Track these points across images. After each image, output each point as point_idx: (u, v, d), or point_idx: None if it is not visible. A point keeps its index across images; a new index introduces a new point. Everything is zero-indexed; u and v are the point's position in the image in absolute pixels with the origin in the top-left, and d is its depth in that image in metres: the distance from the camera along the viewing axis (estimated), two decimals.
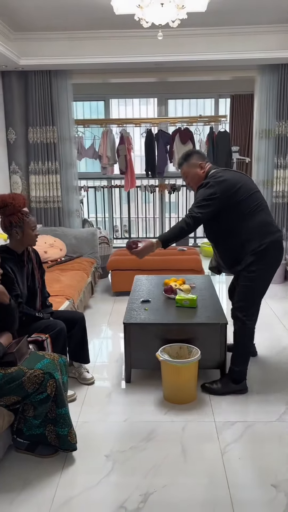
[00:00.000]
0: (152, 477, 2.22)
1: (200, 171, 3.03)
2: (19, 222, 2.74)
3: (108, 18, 4.36)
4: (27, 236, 2.79)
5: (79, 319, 3.08)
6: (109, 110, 7.22)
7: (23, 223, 2.75)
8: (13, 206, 2.72)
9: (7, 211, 2.73)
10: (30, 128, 5.45)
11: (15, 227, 2.74)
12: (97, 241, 5.30)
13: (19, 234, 2.77)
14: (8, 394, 2.21)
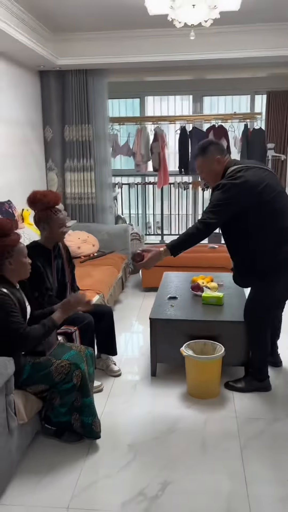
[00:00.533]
0: (171, 468, 2.30)
1: (218, 166, 2.77)
2: (47, 218, 2.86)
3: (142, 18, 4.42)
4: (53, 233, 2.91)
5: (107, 313, 3.20)
6: (145, 107, 7.29)
7: (51, 220, 2.86)
8: (43, 202, 2.84)
9: (37, 207, 2.86)
10: (66, 126, 5.60)
11: (43, 223, 2.87)
12: (129, 237, 5.40)
13: (46, 230, 2.89)
14: (36, 383, 2.34)
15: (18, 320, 2.23)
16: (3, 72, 4.56)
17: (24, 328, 2.24)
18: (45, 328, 2.33)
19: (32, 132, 5.31)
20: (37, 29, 4.68)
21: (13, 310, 2.23)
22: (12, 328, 2.21)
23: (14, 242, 2.32)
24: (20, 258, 2.35)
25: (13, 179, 4.77)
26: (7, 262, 2.30)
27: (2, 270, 2.32)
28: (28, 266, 2.41)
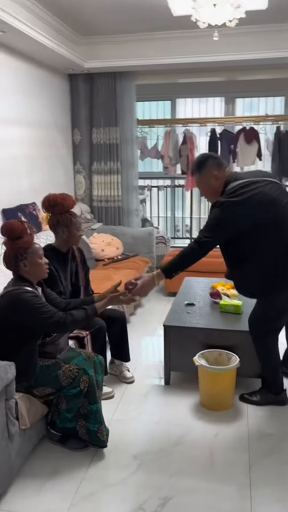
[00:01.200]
0: (175, 481, 2.24)
1: (215, 182, 2.60)
2: (67, 221, 2.86)
3: (168, 20, 4.38)
4: (72, 236, 2.91)
5: (119, 317, 3.17)
6: (175, 110, 7.22)
7: (70, 223, 2.87)
8: (62, 205, 2.85)
9: (57, 210, 2.86)
10: (94, 129, 5.62)
11: (62, 226, 2.86)
12: (154, 241, 5.35)
13: (65, 234, 2.89)
14: (43, 385, 2.33)
15: (50, 311, 2.27)
16: (32, 76, 4.62)
17: (60, 316, 2.29)
18: (87, 315, 2.44)
19: (60, 135, 5.36)
20: (65, 33, 4.72)
21: (42, 303, 2.28)
22: (47, 321, 2.24)
23: (26, 244, 2.32)
24: (35, 259, 2.35)
25: (39, 182, 4.83)
26: (22, 264, 2.31)
27: (19, 272, 2.33)
28: (45, 266, 2.41)
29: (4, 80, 4.09)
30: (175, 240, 7.06)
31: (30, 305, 2.22)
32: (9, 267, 2.33)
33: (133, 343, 3.72)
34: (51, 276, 2.75)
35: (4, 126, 4.12)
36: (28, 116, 4.55)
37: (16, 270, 2.33)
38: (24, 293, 2.24)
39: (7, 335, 2.27)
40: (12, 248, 2.30)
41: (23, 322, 2.25)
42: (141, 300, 4.78)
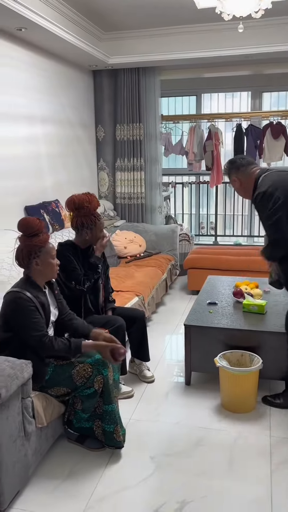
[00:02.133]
0: (192, 485, 2.18)
1: (244, 182, 2.70)
2: (91, 224, 2.87)
3: (192, 13, 4.31)
4: (95, 237, 2.92)
5: (139, 317, 3.11)
6: (201, 105, 7.11)
7: (95, 226, 2.88)
8: (89, 208, 2.87)
9: (82, 212, 2.87)
10: (118, 125, 5.59)
11: (86, 228, 2.87)
12: (177, 238, 5.28)
13: (88, 235, 2.90)
14: (58, 385, 2.30)
15: (38, 327, 2.22)
16: (56, 73, 4.61)
17: (44, 335, 2.23)
18: (69, 350, 2.29)
19: (84, 132, 5.35)
20: (89, 28, 4.70)
21: (34, 316, 2.22)
22: (31, 334, 2.21)
23: (42, 242, 2.31)
24: (48, 258, 2.33)
25: (63, 179, 4.83)
26: (34, 262, 2.29)
27: (29, 271, 2.31)
28: (56, 267, 2.39)
29: (27, 77, 4.09)
30: (199, 237, 6.97)
31: (22, 313, 2.21)
32: (21, 264, 2.32)
33: (154, 342, 3.69)
34: (69, 263, 2.78)
35: (28, 123, 4.13)
36: (52, 114, 4.55)
37: (28, 268, 2.31)
38: (23, 299, 2.22)
39: (14, 338, 2.26)
40: (27, 244, 2.28)
41: (13, 325, 2.24)
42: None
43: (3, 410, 1.90)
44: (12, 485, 2.01)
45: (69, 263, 2.82)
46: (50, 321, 2.39)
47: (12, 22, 3.44)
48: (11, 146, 3.86)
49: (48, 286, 2.46)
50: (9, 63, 3.79)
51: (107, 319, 2.91)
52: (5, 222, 3.68)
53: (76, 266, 2.85)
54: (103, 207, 5.51)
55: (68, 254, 2.84)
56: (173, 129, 6.37)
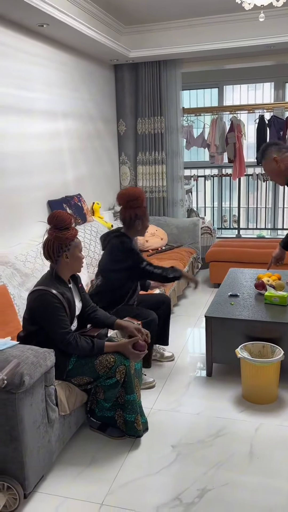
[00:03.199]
0: (213, 474, 2.20)
1: (277, 165, 2.86)
2: (143, 215, 3.03)
3: (212, 4, 4.28)
4: (145, 228, 3.09)
5: (165, 302, 3.23)
6: (223, 97, 7.06)
7: (145, 217, 3.04)
8: (141, 200, 3.02)
9: (135, 204, 3.00)
10: (139, 119, 5.60)
11: (138, 219, 3.01)
12: (199, 232, 5.28)
13: (140, 226, 3.04)
14: (81, 374, 2.35)
15: (63, 324, 2.28)
16: (77, 68, 4.65)
17: (68, 333, 2.28)
18: (91, 350, 2.33)
19: (105, 126, 5.38)
20: (109, 22, 4.72)
21: (60, 313, 2.27)
22: (56, 331, 2.27)
23: (73, 236, 2.36)
24: (76, 252, 2.39)
25: (85, 173, 4.88)
26: (64, 256, 2.34)
27: (56, 264, 2.36)
28: (82, 261, 2.44)
29: (49, 73, 4.14)
30: (221, 230, 6.94)
31: (48, 310, 2.26)
32: (50, 257, 2.36)
33: (175, 334, 3.72)
34: (135, 250, 3.03)
35: (50, 119, 4.18)
36: (73, 109, 4.60)
37: (56, 261, 2.36)
38: (49, 296, 2.26)
39: (40, 331, 2.31)
40: (58, 238, 2.33)
41: (38, 320, 2.30)
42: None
43: (27, 397, 1.95)
44: (37, 469, 2.07)
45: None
46: (75, 315, 2.44)
47: (34, 18, 3.49)
48: (34, 141, 3.93)
49: (72, 280, 2.51)
50: (31, 60, 3.85)
51: (140, 311, 2.98)
52: (30, 216, 3.75)
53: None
54: None
55: (129, 244, 3.03)
56: (194, 122, 6.35)
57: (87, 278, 3.97)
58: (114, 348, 2.38)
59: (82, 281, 2.64)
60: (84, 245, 4.10)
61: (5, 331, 2.58)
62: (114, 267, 2.98)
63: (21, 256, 3.25)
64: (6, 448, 1.97)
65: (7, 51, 3.52)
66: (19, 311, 2.83)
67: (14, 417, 1.93)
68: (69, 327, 2.32)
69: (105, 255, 3.08)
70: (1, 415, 1.94)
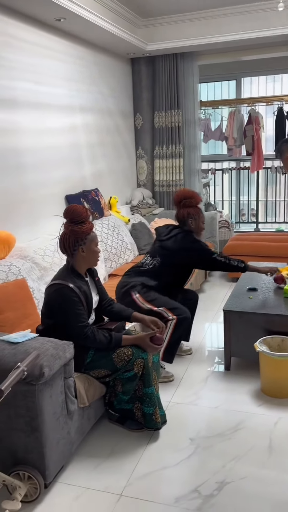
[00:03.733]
0: (231, 467, 2.20)
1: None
2: (196, 215, 3.15)
3: None
4: (199, 229, 3.21)
5: (193, 298, 3.30)
6: (241, 89, 6.98)
7: (198, 217, 3.16)
8: (195, 200, 3.17)
9: (189, 203, 3.15)
10: (156, 112, 5.58)
11: (191, 218, 3.14)
12: (216, 225, 5.24)
13: (193, 224, 3.16)
14: (99, 367, 2.37)
15: (80, 318, 2.29)
16: (95, 62, 4.66)
17: (86, 326, 2.29)
18: (109, 344, 2.33)
19: (122, 121, 5.38)
20: (126, 16, 4.70)
21: (77, 307, 2.29)
22: (73, 325, 2.28)
23: (89, 230, 2.37)
24: (92, 246, 2.40)
25: (102, 168, 4.89)
26: (80, 249, 2.36)
27: (73, 258, 2.38)
28: (98, 255, 2.45)
29: (66, 68, 4.16)
30: (240, 224, 6.89)
31: (65, 304, 2.27)
32: (66, 251, 2.38)
33: (194, 329, 3.70)
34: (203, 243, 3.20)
35: (68, 113, 4.20)
36: (90, 103, 4.60)
37: (72, 255, 2.38)
38: (66, 290, 2.28)
39: (58, 325, 2.33)
40: (74, 231, 2.34)
41: (56, 314, 2.31)
42: None
43: (46, 388, 1.98)
44: (57, 460, 2.10)
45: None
46: (92, 308, 2.46)
47: (51, 13, 3.50)
48: (52, 136, 3.95)
49: (88, 274, 2.52)
50: (48, 54, 3.86)
51: (176, 305, 3.01)
52: (48, 211, 3.78)
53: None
54: (142, 195, 5.54)
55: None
56: (212, 115, 6.30)
57: (104, 271, 3.99)
58: (132, 341, 2.39)
59: (98, 274, 2.65)
60: (101, 239, 4.12)
61: (25, 324, 2.62)
62: (183, 255, 3.09)
63: (40, 250, 3.28)
64: (27, 439, 2.00)
65: (25, 46, 3.54)
66: (38, 304, 2.86)
67: (34, 408, 1.95)
68: (86, 320, 2.34)
69: (172, 243, 3.13)
70: (22, 406, 1.97)
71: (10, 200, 3.41)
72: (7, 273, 2.83)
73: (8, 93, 3.36)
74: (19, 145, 3.50)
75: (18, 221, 3.48)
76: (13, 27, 3.39)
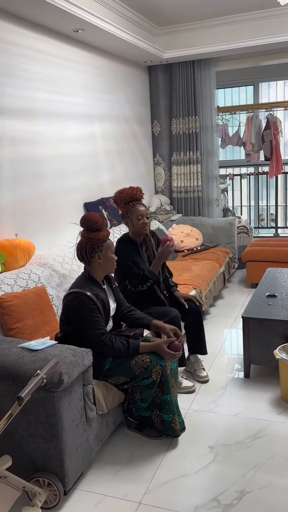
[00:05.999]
0: (252, 476, 2.18)
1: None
2: (128, 212, 3.00)
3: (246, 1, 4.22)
4: (134, 225, 3.01)
5: (194, 310, 3.10)
6: (259, 94, 6.96)
7: (131, 213, 2.98)
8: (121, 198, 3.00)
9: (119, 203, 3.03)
10: (173, 119, 5.61)
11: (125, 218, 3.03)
12: (235, 231, 5.22)
13: (129, 224, 3.02)
14: (117, 374, 2.38)
15: (98, 325, 2.31)
16: (112, 71, 4.71)
17: (103, 334, 2.31)
18: (127, 351, 2.35)
19: (140, 128, 5.42)
20: (143, 25, 4.75)
21: (94, 315, 2.31)
22: (91, 333, 2.30)
23: (105, 237, 2.40)
24: (109, 253, 2.42)
25: (120, 175, 4.92)
26: (96, 257, 2.39)
27: (90, 266, 2.40)
28: (114, 261, 2.47)
29: (84, 77, 4.21)
30: (259, 230, 6.84)
31: (83, 312, 2.30)
32: (83, 259, 2.41)
33: (212, 335, 3.70)
34: (130, 270, 2.90)
35: (87, 122, 4.25)
36: (108, 111, 4.65)
37: (89, 263, 2.40)
38: (84, 298, 2.30)
39: (75, 333, 2.35)
40: (90, 239, 2.37)
41: (74, 322, 2.34)
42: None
43: (65, 396, 2.00)
44: (76, 467, 2.11)
45: (129, 268, 2.90)
46: (110, 316, 2.47)
47: (70, 24, 3.55)
48: (71, 145, 4.00)
49: (106, 281, 2.54)
50: (66, 64, 3.92)
51: (162, 310, 2.95)
52: (67, 218, 3.83)
53: (137, 271, 2.92)
54: (160, 202, 5.55)
55: (128, 253, 2.93)
56: (230, 121, 6.28)
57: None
58: (149, 349, 2.39)
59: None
60: None
61: (45, 331, 2.65)
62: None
63: (59, 258, 3.32)
64: (46, 445, 2.02)
65: (43, 57, 3.60)
66: (57, 311, 2.89)
67: (53, 415, 1.97)
68: (104, 328, 2.35)
69: None
70: (41, 413, 1.99)
71: (30, 208, 3.46)
72: (27, 280, 2.87)
73: (28, 103, 3.43)
74: (39, 154, 3.56)
75: (37, 229, 3.53)
76: (31, 39, 3.45)
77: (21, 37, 3.34)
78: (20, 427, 2.05)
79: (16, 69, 3.29)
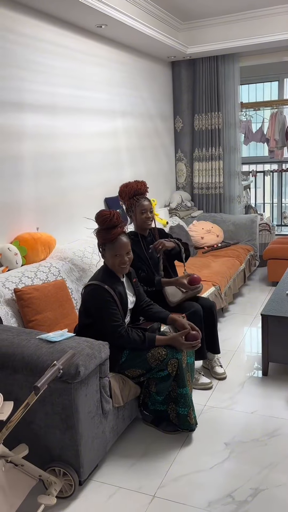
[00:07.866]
0: (267, 474, 2.16)
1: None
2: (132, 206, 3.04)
3: None
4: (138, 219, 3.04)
5: (208, 307, 3.05)
6: (283, 90, 6.84)
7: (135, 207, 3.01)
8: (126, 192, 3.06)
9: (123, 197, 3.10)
10: (196, 115, 5.57)
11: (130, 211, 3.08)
12: (256, 228, 5.16)
13: (133, 218, 3.06)
14: (133, 367, 2.39)
15: (115, 318, 2.34)
16: (135, 66, 4.70)
17: (120, 326, 2.34)
18: (143, 343, 2.37)
19: (162, 124, 5.40)
20: (167, 20, 4.72)
21: (111, 307, 2.34)
22: (108, 324, 2.34)
23: (105, 240, 2.45)
24: (111, 254, 2.46)
25: (142, 170, 4.93)
26: (104, 253, 2.42)
27: (105, 259, 2.44)
28: (117, 264, 2.45)
29: (108, 73, 4.22)
30: (281, 227, 6.75)
31: (100, 304, 2.34)
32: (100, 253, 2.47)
33: (231, 333, 3.69)
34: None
35: (110, 118, 4.26)
36: (131, 107, 4.65)
37: (103, 256, 2.47)
38: (101, 291, 2.34)
39: (93, 325, 2.39)
40: (98, 236, 2.45)
41: (92, 314, 2.38)
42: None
43: (82, 387, 2.02)
44: (91, 458, 2.13)
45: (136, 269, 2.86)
46: (128, 309, 2.49)
47: (93, 19, 3.56)
48: (93, 140, 4.02)
49: (125, 275, 2.55)
50: (89, 60, 3.94)
51: (184, 305, 2.95)
52: (87, 213, 3.85)
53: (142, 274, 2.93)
54: (181, 198, 5.53)
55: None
56: (253, 117, 6.21)
57: None
58: (165, 342, 2.40)
59: None
60: None
61: (63, 323, 2.68)
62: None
63: (79, 252, 3.35)
64: (63, 436, 2.05)
65: (65, 52, 3.62)
66: (76, 304, 2.92)
67: (69, 407, 2.00)
68: (121, 320, 2.37)
69: None
70: (58, 404, 2.02)
71: (51, 202, 3.50)
72: (47, 273, 2.91)
73: (49, 99, 3.45)
74: (61, 149, 3.59)
75: (58, 223, 3.57)
76: (54, 34, 3.48)
77: (43, 32, 3.36)
78: (37, 418, 2.09)
79: (38, 64, 3.32)
